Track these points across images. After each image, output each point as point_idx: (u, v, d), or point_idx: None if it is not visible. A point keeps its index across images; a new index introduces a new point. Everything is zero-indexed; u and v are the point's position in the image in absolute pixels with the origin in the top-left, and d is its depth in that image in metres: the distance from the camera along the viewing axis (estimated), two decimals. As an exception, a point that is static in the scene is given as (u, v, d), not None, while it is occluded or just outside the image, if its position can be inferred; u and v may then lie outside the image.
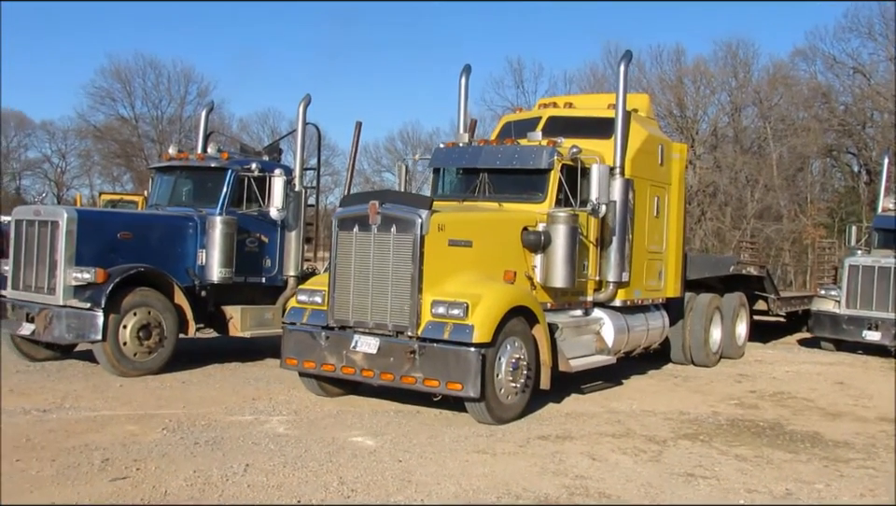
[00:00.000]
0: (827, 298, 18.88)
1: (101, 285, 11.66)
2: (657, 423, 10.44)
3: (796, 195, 45.86)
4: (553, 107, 14.05)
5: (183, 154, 14.44)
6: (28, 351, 12.86)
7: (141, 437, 8.53)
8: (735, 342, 16.79)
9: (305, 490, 7.01)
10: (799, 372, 15.60)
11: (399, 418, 10.00)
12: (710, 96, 48.67)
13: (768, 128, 46.07)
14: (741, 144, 46.93)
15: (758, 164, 45.00)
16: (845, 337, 18.48)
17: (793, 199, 45.44)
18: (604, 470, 8.14)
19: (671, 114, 45.86)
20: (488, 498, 7.04)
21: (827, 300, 18.84)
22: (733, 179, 44.98)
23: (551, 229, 11.05)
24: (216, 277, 13.03)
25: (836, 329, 18.50)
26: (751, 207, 43.98)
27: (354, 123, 17.23)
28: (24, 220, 12.45)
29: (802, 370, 16.00)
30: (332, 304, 10.37)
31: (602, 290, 12.36)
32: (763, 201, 44.18)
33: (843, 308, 18.37)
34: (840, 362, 17.35)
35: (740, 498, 7.43)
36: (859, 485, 8.03)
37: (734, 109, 48.10)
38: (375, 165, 63.30)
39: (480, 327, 9.43)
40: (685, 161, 14.71)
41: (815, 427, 10.70)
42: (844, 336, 18.47)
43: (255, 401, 10.65)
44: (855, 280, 18.31)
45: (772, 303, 18.65)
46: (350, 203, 10.75)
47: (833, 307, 18.57)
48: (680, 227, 14.50)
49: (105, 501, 6.48)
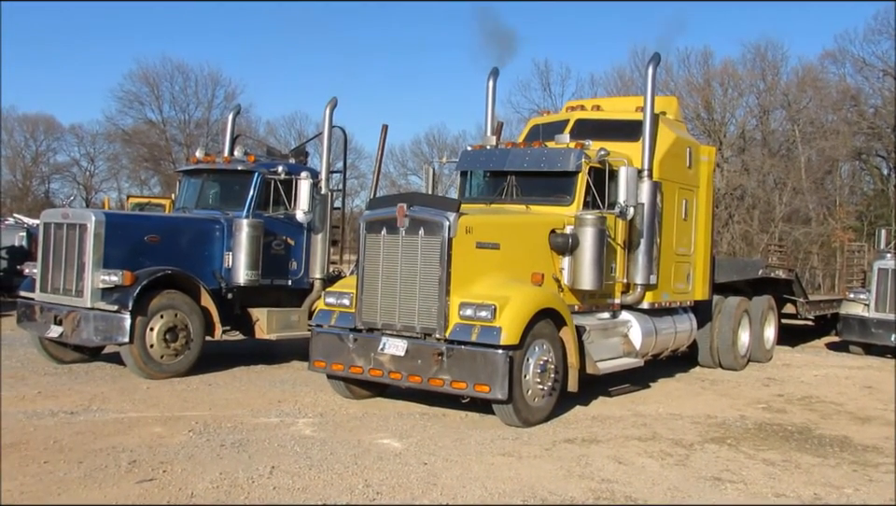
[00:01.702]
0: (856, 301, 18.72)
1: (128, 287, 11.71)
2: (684, 426, 10.36)
3: (825, 198, 45.54)
4: (581, 110, 14.04)
5: (210, 157, 14.50)
6: (56, 353, 12.96)
7: (167, 439, 8.56)
8: (764, 345, 16.68)
9: (330, 492, 7.00)
10: (827, 376, 15.44)
11: (424, 421, 9.98)
12: (738, 99, 48.43)
13: (797, 131, 45.79)
14: (769, 147, 46.67)
15: (786, 167, 44.74)
16: (874, 341, 18.34)
17: (822, 202, 45.13)
18: (630, 473, 8.08)
19: (699, 117, 45.66)
20: (514, 500, 7.01)
21: (856, 303, 18.68)
22: (761, 182, 44.73)
23: (578, 231, 11.02)
24: (242, 280, 13.07)
25: (865, 332, 18.36)
26: (779, 210, 43.70)
27: (380, 126, 17.30)
28: (53, 223, 12.55)
29: (830, 374, 15.84)
30: (360, 307, 10.39)
31: (630, 293, 12.33)
32: (791, 204, 43.90)
33: (872, 312, 18.22)
34: (869, 366, 17.17)
35: (768, 502, 7.35)
36: (888, 490, 7.93)
37: (762, 112, 47.80)
38: (401, 168, 63.54)
39: (508, 329, 9.42)
40: (713, 163, 14.64)
41: (844, 431, 10.57)
42: (873, 340, 18.33)
43: (281, 404, 10.67)
44: (884, 283, 18.14)
45: (800, 307, 18.52)
46: (378, 205, 10.76)
47: (862, 311, 18.42)
48: (709, 230, 14.43)
49: (128, 503, 6.50)
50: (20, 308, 12.98)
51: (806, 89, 47.21)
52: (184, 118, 65.83)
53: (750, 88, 48.28)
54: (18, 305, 13.08)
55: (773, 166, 44.93)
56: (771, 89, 47.79)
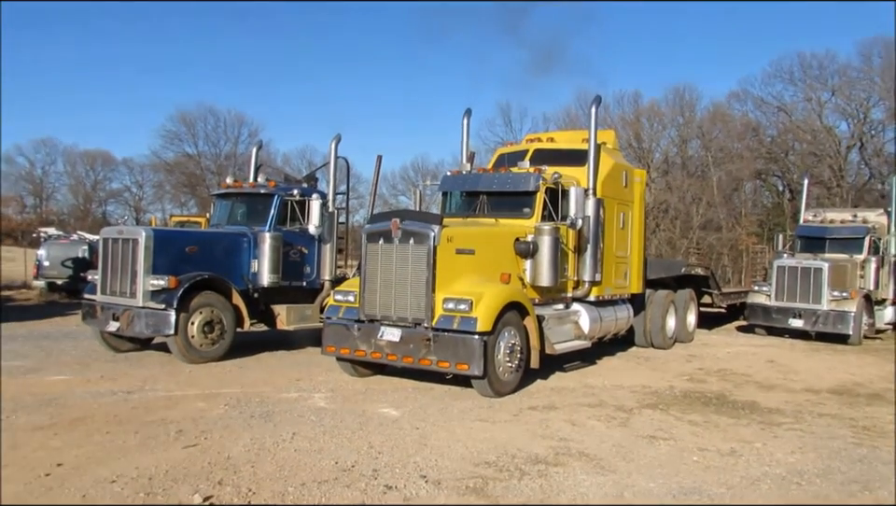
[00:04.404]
0: (760, 292, 18.80)
1: (173, 289, 11.64)
2: (624, 395, 10.37)
3: (732, 210, 45.92)
4: (538, 141, 14.07)
5: (238, 183, 14.44)
6: (114, 344, 12.82)
7: (207, 412, 8.49)
8: (687, 329, 16.71)
9: (341, 453, 6.95)
10: (738, 353, 15.50)
11: (415, 394, 9.94)
12: (662, 131, 48.90)
13: (709, 156, 46.16)
14: (687, 169, 47.01)
15: (701, 186, 45.05)
16: (774, 324, 18.44)
17: (730, 213, 45.49)
18: (583, 433, 8.08)
19: (630, 146, 45.86)
20: (490, 457, 6.99)
21: (760, 294, 18.77)
22: (681, 198, 44.97)
23: (538, 239, 11.02)
24: (266, 282, 13.02)
25: (767, 317, 18.46)
26: (696, 220, 43.97)
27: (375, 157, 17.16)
28: (110, 238, 12.43)
29: (740, 351, 15.91)
30: (363, 302, 10.36)
31: (579, 288, 12.34)
32: (706, 215, 44.19)
33: (773, 301, 18.31)
34: (770, 344, 17.25)
35: (693, 455, 7.36)
36: (789, 444, 7.95)
37: (681, 141, 48.22)
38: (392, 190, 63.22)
39: (482, 318, 9.46)
40: (644, 183, 14.70)
41: (752, 397, 10.62)
42: (774, 323, 18.43)
43: (299, 382, 10.61)
44: (782, 278, 18.24)
45: (715, 298, 18.59)
46: (376, 220, 10.73)
47: (765, 300, 18.50)
48: (641, 236, 14.44)
49: (179, 464, 6.44)
50: (84, 308, 12.83)
51: (717, 122, 47.66)
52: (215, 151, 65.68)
53: (672, 122, 48.73)
54: (82, 306, 12.93)
55: (690, 185, 45.21)
56: (688, 122, 48.21)
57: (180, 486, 5.89)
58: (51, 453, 6.71)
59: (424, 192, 15.37)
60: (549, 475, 6.51)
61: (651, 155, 47.21)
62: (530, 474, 6.52)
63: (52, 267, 24.35)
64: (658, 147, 48.79)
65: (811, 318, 17.68)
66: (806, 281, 17.83)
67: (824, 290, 17.57)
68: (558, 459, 7.03)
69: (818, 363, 14.47)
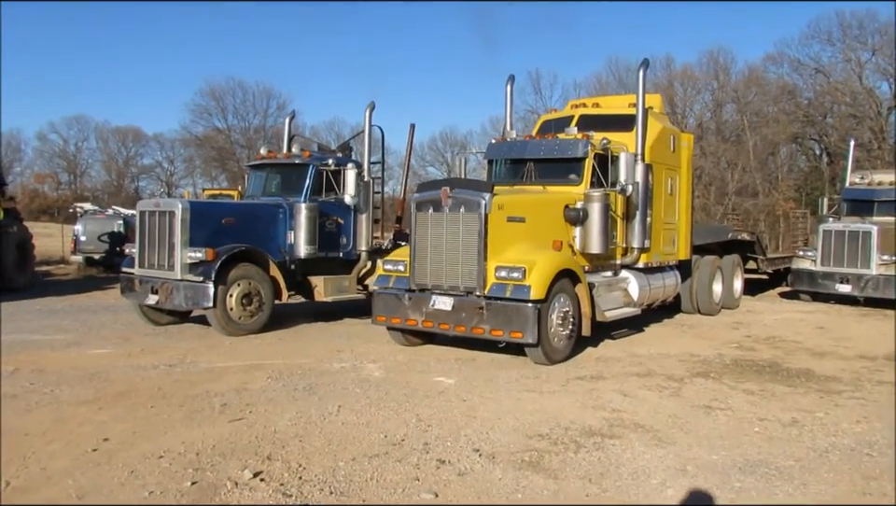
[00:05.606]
0: (805, 258, 18.29)
1: (211, 262, 11.48)
2: (673, 364, 10.05)
3: (769, 175, 45.12)
4: (583, 107, 13.74)
5: (272, 154, 14.20)
6: (153, 317, 12.74)
7: (251, 385, 8.32)
8: (733, 295, 16.37)
9: (389, 426, 6.72)
10: (785, 320, 15.07)
11: (459, 365, 9.70)
12: (696, 96, 48.05)
13: (745, 121, 45.28)
14: (722, 134, 46.20)
15: (736, 151, 44.29)
16: (820, 290, 17.95)
17: (766, 178, 44.74)
18: (635, 404, 7.80)
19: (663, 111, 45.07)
20: (542, 429, 6.74)
21: (805, 259, 18.26)
22: (715, 163, 44.29)
23: (587, 206, 10.85)
24: (302, 253, 12.84)
25: (813, 283, 17.97)
26: (732, 186, 43.29)
27: (405, 126, 16.81)
28: (147, 211, 12.30)
29: (787, 317, 15.47)
30: (413, 272, 10.23)
31: (628, 255, 12.10)
32: (741, 181, 43.46)
33: (819, 266, 17.80)
34: (817, 310, 16.78)
35: (754, 425, 7.05)
36: (853, 414, 7.60)
37: (715, 106, 47.35)
38: (420, 161, 62.92)
39: (535, 286, 9.32)
40: (692, 148, 14.34)
41: (806, 364, 10.25)
42: (819, 289, 17.94)
43: (339, 353, 10.40)
44: (828, 242, 17.70)
45: (761, 263, 18.21)
46: (425, 189, 10.57)
47: (810, 265, 18.00)
48: (689, 202, 14.10)
49: (226, 439, 6.27)
50: (122, 281, 12.75)
51: (752, 86, 46.60)
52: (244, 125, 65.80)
53: (706, 86, 47.78)
54: (121, 279, 12.86)
55: (725, 150, 44.46)
56: (723, 87, 47.26)
57: (228, 462, 5.71)
58: (97, 427, 6.57)
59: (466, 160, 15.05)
60: (606, 448, 6.25)
61: (685, 121, 46.33)
62: (586, 447, 6.26)
63: (89, 242, 24.45)
64: (692, 112, 47.98)
65: (859, 283, 17.16)
66: (854, 245, 17.28)
67: (873, 254, 17.01)
68: (613, 431, 6.75)
69: (869, 329, 14.01)
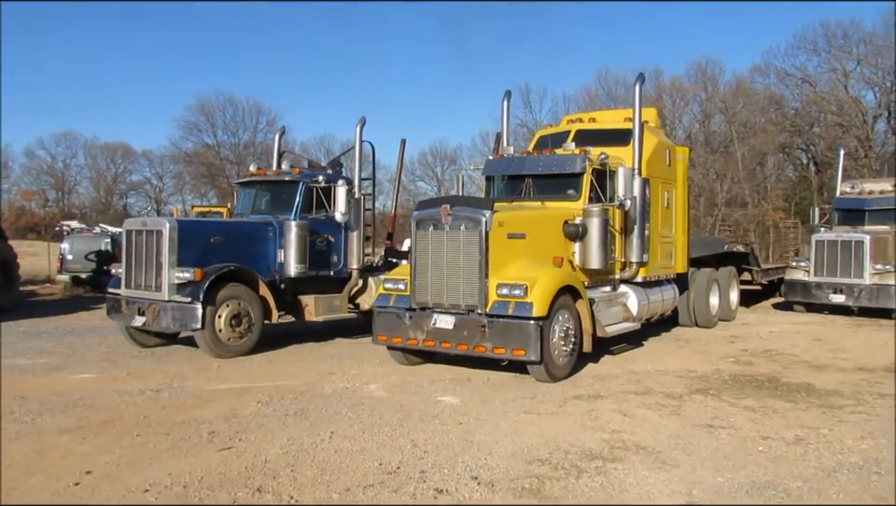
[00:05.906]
0: (798, 268, 18.23)
1: (199, 282, 11.24)
2: (671, 381, 9.86)
3: (757, 185, 45.20)
4: (579, 122, 13.69)
5: (261, 171, 13.97)
6: (140, 339, 12.48)
7: (240, 410, 8.06)
8: (730, 307, 16.32)
9: (384, 453, 6.50)
10: (780, 332, 14.93)
11: (453, 386, 9.48)
12: (684, 107, 48.14)
13: (733, 131, 45.44)
14: (711, 145, 46.27)
15: (725, 161, 44.40)
16: (814, 300, 17.88)
17: (755, 189, 44.78)
18: (634, 424, 7.60)
19: (653, 123, 45.16)
20: (541, 453, 6.53)
21: (798, 270, 18.19)
22: (704, 174, 44.30)
23: (586, 221, 10.78)
24: (292, 272, 12.61)
25: (807, 293, 17.89)
26: (721, 197, 43.31)
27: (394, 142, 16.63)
28: (133, 230, 12.05)
29: (782, 329, 15.34)
30: (414, 290, 10.07)
31: (627, 270, 11.99)
32: (730, 191, 43.49)
33: (812, 276, 17.72)
34: (812, 322, 16.66)
35: (758, 445, 6.87)
36: (857, 429, 7.43)
37: (704, 117, 47.47)
38: (410, 176, 62.75)
39: (538, 303, 9.20)
40: (686, 161, 14.25)
41: (805, 378, 10.09)
42: (813, 299, 17.86)
43: (331, 375, 10.17)
44: (821, 252, 17.64)
45: (756, 274, 18.19)
46: (424, 207, 10.42)
47: (804, 276, 17.93)
48: (685, 215, 14.02)
49: (215, 469, 6.03)
50: (108, 302, 12.49)
51: (739, 97, 46.76)
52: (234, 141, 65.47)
53: (694, 98, 47.93)
54: (107, 300, 12.59)
55: (714, 161, 44.52)
56: (711, 98, 47.35)
57: (217, 494, 5.48)
58: (80, 459, 6.32)
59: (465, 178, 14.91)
60: (608, 472, 6.04)
61: (674, 133, 46.36)
62: (588, 472, 6.05)
63: (76, 260, 24.11)
64: (680, 123, 48.03)
65: (853, 293, 17.07)
66: (847, 255, 17.22)
67: (866, 264, 16.95)
68: (614, 454, 6.55)
69: (865, 340, 13.89)
